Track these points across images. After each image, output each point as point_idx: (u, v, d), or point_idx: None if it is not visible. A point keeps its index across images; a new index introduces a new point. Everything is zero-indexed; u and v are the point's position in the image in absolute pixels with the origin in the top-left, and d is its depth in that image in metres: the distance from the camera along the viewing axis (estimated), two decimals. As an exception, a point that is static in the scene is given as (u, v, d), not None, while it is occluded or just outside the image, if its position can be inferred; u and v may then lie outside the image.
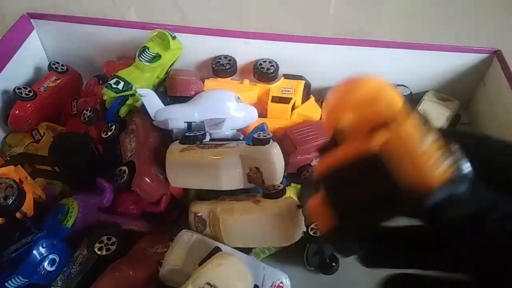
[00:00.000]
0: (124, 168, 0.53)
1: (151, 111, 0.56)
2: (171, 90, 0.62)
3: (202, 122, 0.57)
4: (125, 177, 0.51)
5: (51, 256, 0.44)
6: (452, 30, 0.94)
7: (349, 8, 1.03)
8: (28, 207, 0.47)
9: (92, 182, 0.53)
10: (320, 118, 0.65)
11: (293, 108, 0.64)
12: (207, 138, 0.57)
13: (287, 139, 0.60)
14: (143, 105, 0.56)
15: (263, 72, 0.65)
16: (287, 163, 0.54)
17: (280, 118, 0.64)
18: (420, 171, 0.20)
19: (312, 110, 0.65)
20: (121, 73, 0.59)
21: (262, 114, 0.63)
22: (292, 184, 0.59)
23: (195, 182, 0.52)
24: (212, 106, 0.58)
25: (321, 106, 0.66)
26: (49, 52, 0.72)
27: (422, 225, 0.23)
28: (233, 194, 0.52)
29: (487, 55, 0.67)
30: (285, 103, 0.63)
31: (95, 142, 0.57)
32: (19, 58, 0.65)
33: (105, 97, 0.58)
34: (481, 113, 0.71)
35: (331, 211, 0.23)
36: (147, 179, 0.51)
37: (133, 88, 0.58)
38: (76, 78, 0.69)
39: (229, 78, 0.67)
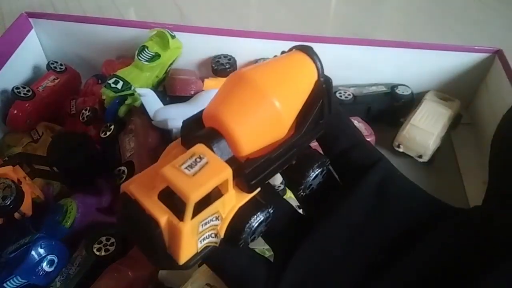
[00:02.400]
0: (123, 168, 0.52)
1: (150, 111, 0.56)
2: (171, 89, 0.61)
3: (202, 122, 0.57)
4: (124, 177, 0.51)
5: (49, 257, 0.44)
6: (453, 30, 0.94)
7: (349, 7, 1.03)
8: (26, 207, 0.47)
9: (91, 182, 0.53)
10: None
11: (293, 107, 0.64)
12: (207, 138, 0.56)
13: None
14: (142, 105, 0.56)
15: (263, 71, 0.65)
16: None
17: (280, 117, 0.64)
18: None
19: (312, 110, 0.65)
20: (120, 72, 0.58)
21: (262, 113, 0.63)
22: (292, 184, 0.58)
23: (195, 182, 0.51)
24: (211, 106, 0.58)
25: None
26: (48, 51, 0.72)
27: None
28: (233, 195, 0.51)
29: (488, 54, 0.67)
30: (285, 102, 0.63)
31: (94, 142, 0.57)
32: (17, 58, 0.64)
33: (104, 97, 0.58)
34: (482, 113, 0.70)
35: None
36: (146, 179, 0.51)
37: (132, 88, 0.57)
38: (75, 77, 0.69)
39: (229, 78, 0.66)
